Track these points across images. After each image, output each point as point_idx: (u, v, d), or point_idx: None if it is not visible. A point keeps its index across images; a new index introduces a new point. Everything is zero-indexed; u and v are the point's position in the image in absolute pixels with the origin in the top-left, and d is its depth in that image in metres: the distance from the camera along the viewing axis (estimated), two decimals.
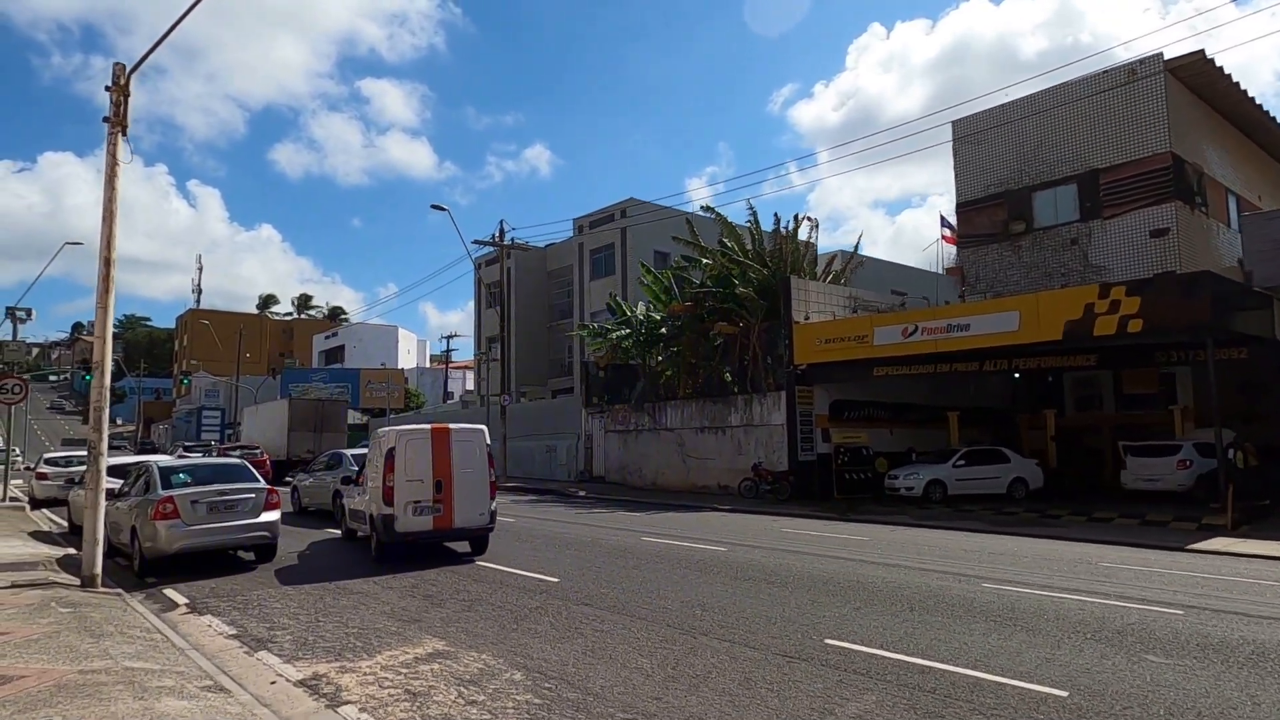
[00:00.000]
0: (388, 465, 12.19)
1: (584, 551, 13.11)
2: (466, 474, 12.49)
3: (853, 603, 8.89)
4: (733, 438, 26.53)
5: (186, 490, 11.42)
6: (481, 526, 12.61)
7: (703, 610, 8.58)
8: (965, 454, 22.53)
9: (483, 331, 48.97)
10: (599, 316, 40.61)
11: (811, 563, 11.72)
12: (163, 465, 12.28)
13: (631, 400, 30.78)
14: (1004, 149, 30.95)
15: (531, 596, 9.48)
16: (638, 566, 11.46)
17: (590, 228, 41.41)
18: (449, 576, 10.93)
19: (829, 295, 26.11)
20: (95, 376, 10.41)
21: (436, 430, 12.62)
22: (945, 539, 14.91)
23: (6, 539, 14.74)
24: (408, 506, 12.08)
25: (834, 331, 23.87)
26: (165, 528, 11.04)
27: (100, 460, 10.28)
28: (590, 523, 17.92)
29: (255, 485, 12.06)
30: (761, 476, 24.38)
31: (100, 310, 10.48)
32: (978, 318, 20.91)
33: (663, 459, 29.06)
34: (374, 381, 63.81)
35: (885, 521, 18.35)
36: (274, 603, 9.47)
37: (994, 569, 11.20)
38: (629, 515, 19.68)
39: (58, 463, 24.67)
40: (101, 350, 10.45)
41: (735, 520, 18.70)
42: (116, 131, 10.69)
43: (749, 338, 26.39)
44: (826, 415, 25.00)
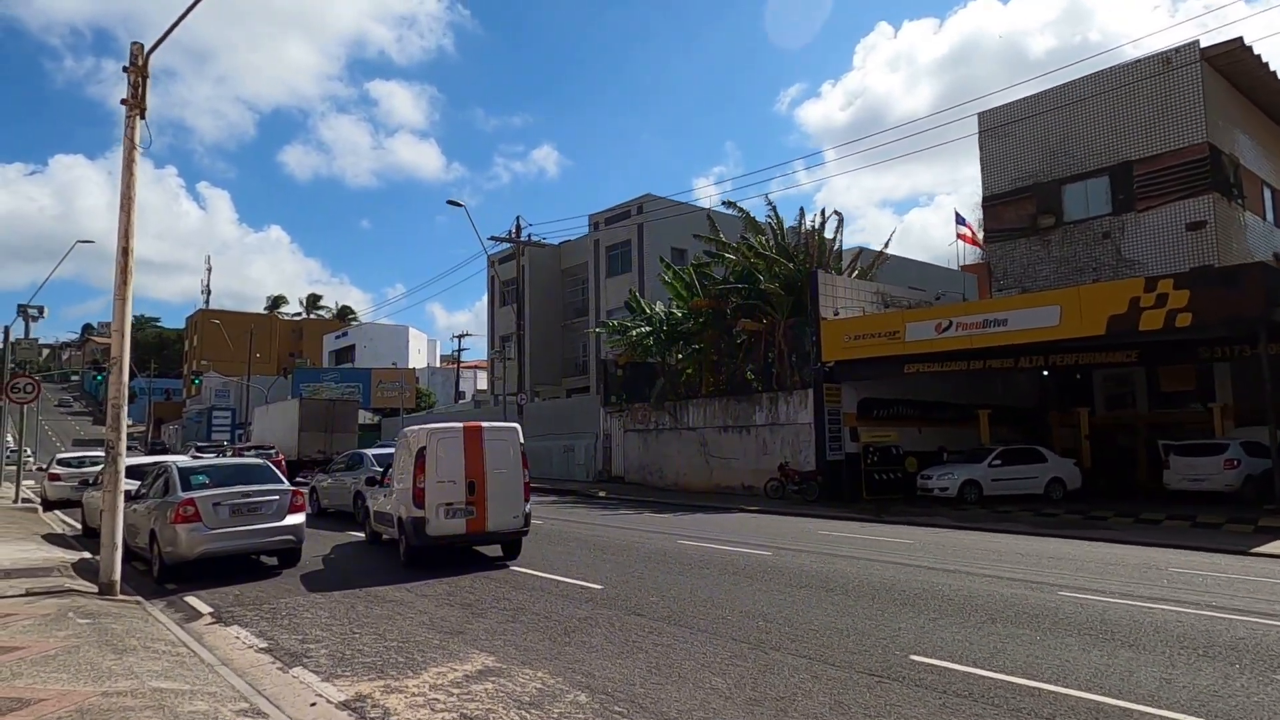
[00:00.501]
0: (418, 466, 11.62)
1: (622, 556, 12.52)
2: (500, 474, 11.90)
3: (926, 613, 8.26)
4: (757, 437, 25.90)
5: (208, 492, 10.87)
6: (516, 530, 12.02)
7: (765, 622, 7.97)
8: (1001, 453, 21.85)
9: (496, 330, 48.44)
10: (615, 314, 40.02)
11: (865, 568, 11.10)
12: (182, 466, 11.74)
13: (651, 399, 30.18)
14: (1032, 141, 30.24)
15: (577, 605, 8.89)
16: (682, 573, 10.86)
17: (606, 224, 40.82)
18: (485, 583, 10.35)
19: (856, 291, 25.46)
20: (113, 373, 9.87)
21: (469, 429, 12.05)
22: (993, 542, 14.26)
23: (19, 542, 14.24)
24: (439, 509, 11.51)
25: (864, 327, 23.22)
26: (186, 531, 10.49)
27: (119, 461, 9.74)
28: (620, 524, 17.33)
29: (279, 487, 11.51)
30: (788, 476, 23.76)
31: (118, 303, 9.93)
32: (1016, 312, 20.22)
33: (684, 459, 28.45)
34: (385, 381, 63.38)
35: (922, 523, 17.72)
36: (304, 612, 8.90)
37: (1061, 575, 10.56)
38: (657, 517, 19.08)
39: (70, 463, 24.23)
40: (120, 345, 9.91)
41: (767, 522, 18.08)
42: (135, 114, 10.15)
43: (774, 334, 25.76)
44: (854, 413, 24.35)
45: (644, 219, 38.27)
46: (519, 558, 12.26)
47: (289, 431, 35.14)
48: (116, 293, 9.95)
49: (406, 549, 11.92)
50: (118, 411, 9.80)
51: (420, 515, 11.50)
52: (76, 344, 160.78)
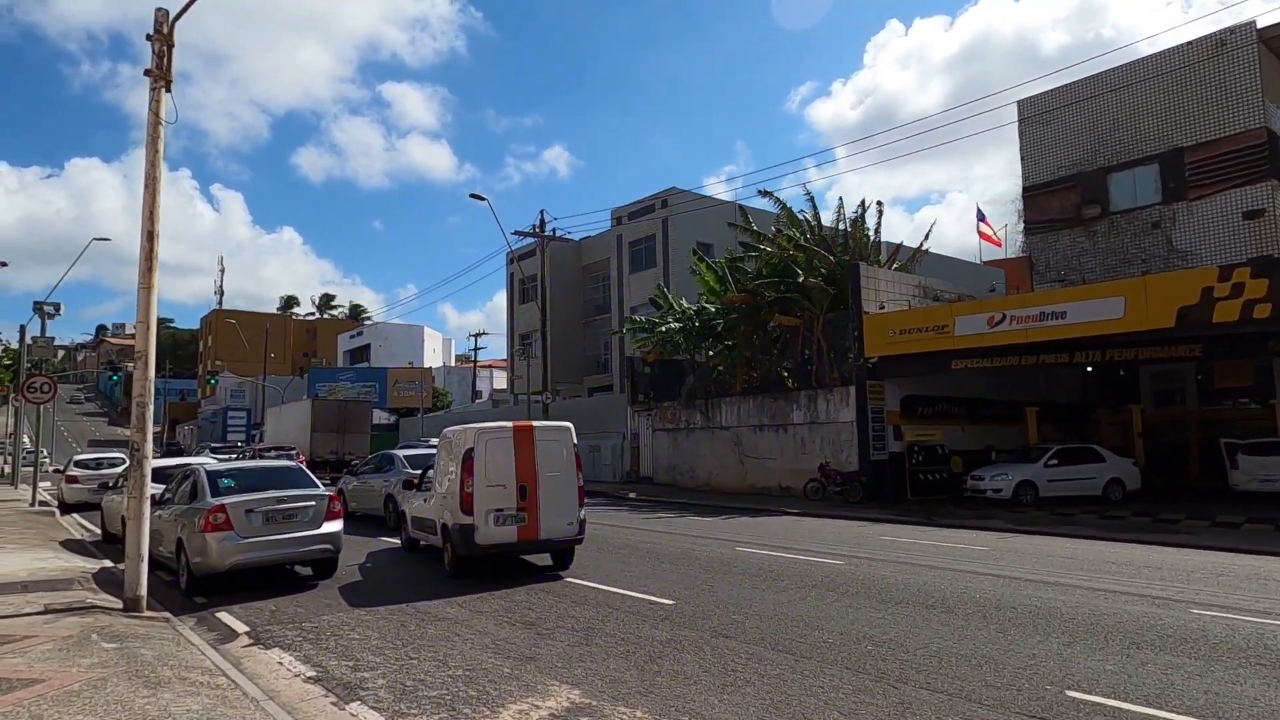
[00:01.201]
0: (465, 469, 10.73)
1: (681, 565, 11.60)
2: (553, 477, 10.99)
3: (1054, 635, 7.31)
4: (795, 436, 24.93)
5: (239, 498, 10.02)
6: (570, 538, 11.11)
7: (875, 646, 7.04)
8: (1057, 453, 20.81)
9: (516, 328, 47.62)
10: (639, 311, 39.07)
11: (953, 579, 10.14)
12: (211, 469, 10.91)
13: (681, 397, 29.26)
14: (1076, 129, 29.14)
15: (653, 625, 7.98)
16: (756, 585, 9.93)
17: (629, 219, 39.90)
18: (542, 598, 9.45)
19: (898, 284, 24.44)
20: (138, 368, 9.03)
21: (519, 428, 11.16)
22: (1071, 548, 13.26)
23: (37, 550, 13.45)
24: (489, 515, 10.61)
25: (909, 321, 22.21)
26: (217, 541, 9.65)
27: (145, 464, 8.90)
28: (665, 529, 16.42)
29: (315, 491, 10.65)
30: (829, 477, 22.79)
31: (143, 292, 9.09)
32: (1076, 304, 19.16)
33: (717, 459, 27.51)
34: (402, 381, 62.69)
35: (982, 527, 16.75)
36: (350, 631, 8.03)
37: (1178, 588, 9.57)
38: (701, 520, 18.16)
39: (88, 465, 23.54)
40: (145, 338, 9.06)
41: (817, 526, 17.13)
42: (160, 86, 9.31)
43: (812, 330, 24.78)
44: (898, 411, 23.35)
45: (669, 213, 37.32)
46: (571, 567, 11.38)
47: (301, 432, 34.64)
48: (141, 281, 9.11)
49: (452, 558, 11.05)
50: (143, 410, 8.96)
51: (468, 522, 10.62)
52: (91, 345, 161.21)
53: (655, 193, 38.95)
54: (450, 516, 11.04)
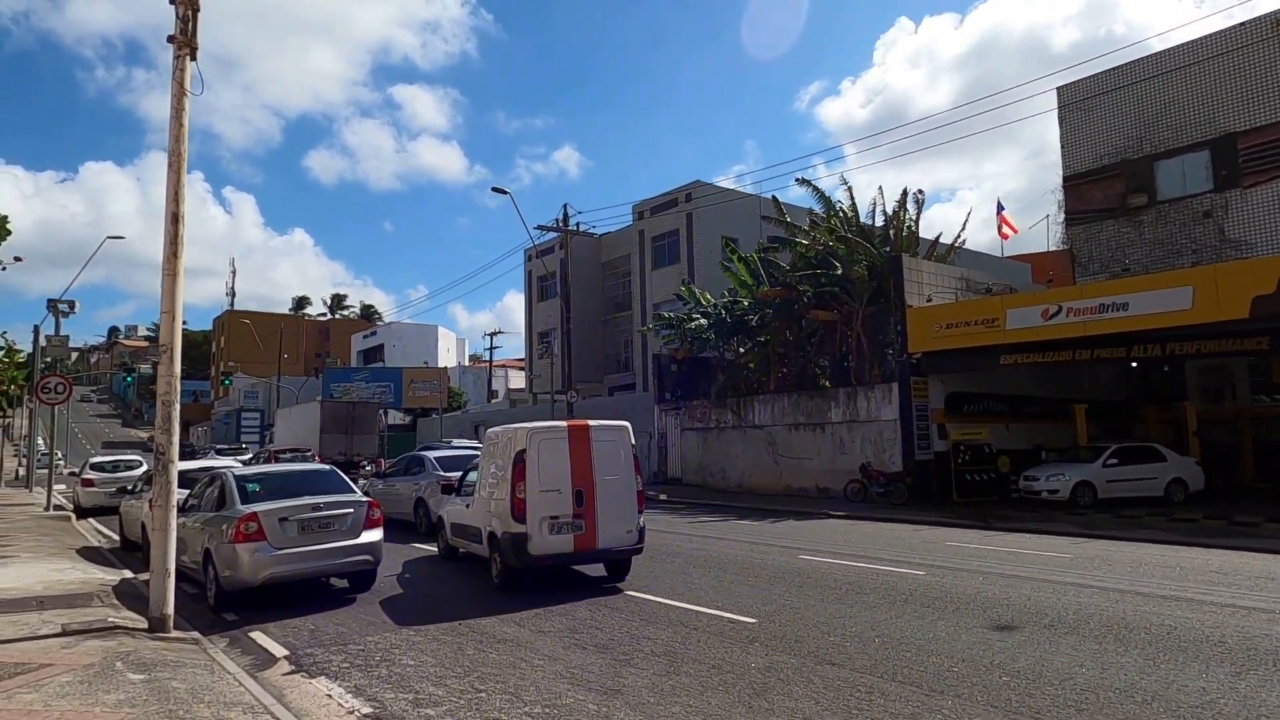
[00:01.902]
0: (517, 472, 9.87)
1: (747, 576, 10.69)
2: (611, 481, 10.13)
3: (1218, 665, 6.37)
4: (834, 435, 23.97)
5: (272, 505, 9.17)
6: (629, 547, 10.24)
7: (1009, 677, 6.12)
8: (1116, 452, 19.78)
9: (535, 326, 46.78)
10: (662, 307, 38.16)
11: (1057, 594, 9.19)
12: (239, 473, 10.07)
13: (711, 395, 28.34)
14: (1120, 115, 28.07)
15: (742, 648, 7.08)
16: (839, 600, 9.01)
17: (651, 213, 38.98)
18: (608, 615, 8.57)
19: (941, 277, 23.45)
20: (163, 362, 8.20)
21: (574, 428, 10.32)
22: (1160, 555, 12.28)
23: (54, 560, 12.66)
24: (543, 523, 9.76)
25: (956, 315, 21.22)
26: (249, 552, 8.80)
27: (170, 469, 8.06)
28: (712, 534, 15.51)
29: (353, 498, 9.80)
30: (871, 478, 21.83)
31: (167, 279, 8.26)
32: (1139, 295, 18.13)
33: (750, 459, 26.57)
34: (417, 380, 61.94)
35: (1046, 531, 15.77)
36: (402, 656, 7.17)
37: None
38: (747, 524, 17.24)
39: (104, 468, 22.80)
40: (170, 330, 8.22)
41: (873, 531, 16.18)
42: (184, 54, 8.47)
43: (851, 325, 23.81)
44: (942, 409, 22.37)
45: (693, 207, 36.39)
46: (628, 579, 10.51)
47: (310, 433, 34.48)
48: (165, 267, 8.27)
49: (502, 570, 10.18)
50: (169, 409, 8.12)
51: (520, 531, 9.74)
52: (105, 347, 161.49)
53: (678, 186, 38.02)
54: (499, 524, 10.19)
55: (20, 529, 17.10)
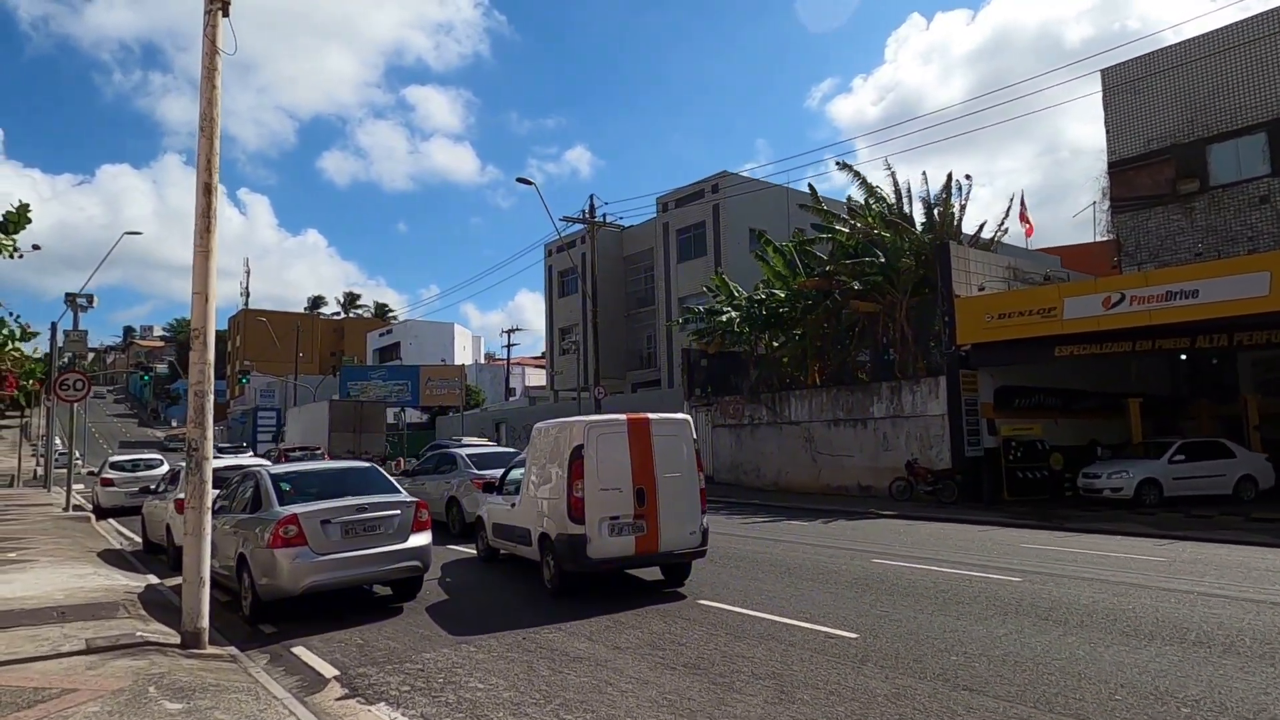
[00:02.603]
0: (574, 469, 9.11)
1: (824, 583, 9.81)
2: (673, 479, 9.39)
3: None
4: (876, 431, 23.03)
5: (313, 506, 8.37)
6: (692, 549, 9.48)
7: (1191, 709, 5.22)
8: (1182, 448, 18.76)
9: (555, 322, 46.00)
10: (688, 301, 37.31)
11: (1181, 604, 8.26)
12: (275, 472, 9.26)
13: (744, 390, 27.45)
14: (1168, 98, 26.94)
15: (855, 669, 6.21)
16: (940, 610, 8.12)
17: (676, 205, 38.09)
18: (686, 627, 7.71)
19: (989, 266, 22.48)
20: (195, 349, 7.40)
21: (634, 421, 9.50)
22: (1263, 558, 11.30)
23: (74, 564, 11.92)
24: (603, 524, 8.99)
25: (1009, 305, 20.23)
26: (289, 559, 8.00)
27: (205, 467, 7.27)
28: (765, 535, 14.64)
29: (399, 498, 8.99)
30: (918, 476, 20.88)
31: (199, 257, 7.47)
32: (1211, 282, 17.13)
33: (786, 456, 25.66)
34: (434, 379, 61.26)
35: (1119, 531, 14.84)
36: (467, 677, 6.34)
37: None
38: (799, 525, 16.34)
39: (124, 467, 22.14)
40: (203, 312, 7.43)
41: (935, 531, 15.25)
42: (215, 9, 7.67)
43: (894, 316, 22.86)
44: (991, 404, 21.40)
45: (720, 198, 35.49)
46: (693, 584, 9.68)
47: (320, 432, 35.42)
48: (197, 244, 7.48)
49: (558, 574, 9.38)
50: (202, 401, 7.32)
51: (578, 533, 8.95)
52: (120, 347, 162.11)
53: (704, 177, 37.12)
54: (553, 525, 9.40)
55: (39, 530, 16.43)
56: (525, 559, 10.71)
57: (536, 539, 9.95)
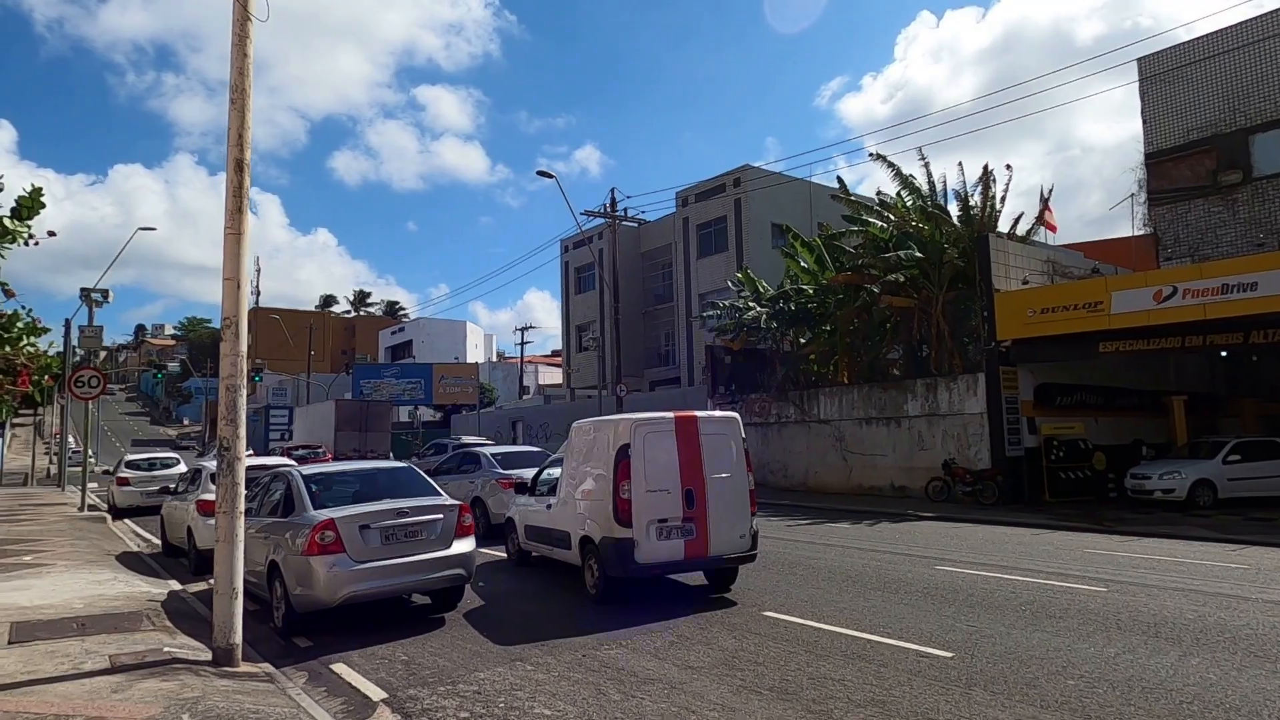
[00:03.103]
0: (620, 470, 8.63)
1: (895, 593, 9.14)
2: (722, 479, 8.93)
3: None
4: (910, 430, 22.32)
5: (350, 510, 7.76)
6: (742, 553, 9.00)
7: None
8: (1237, 447, 18.01)
9: (572, 319, 45.39)
10: (708, 298, 36.65)
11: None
12: (307, 472, 8.67)
13: (771, 388, 26.78)
14: (1209, 87, 26.13)
15: (963, 694, 5.56)
16: (1033, 626, 7.45)
17: (696, 200, 37.42)
18: (760, 643, 7.07)
19: (1028, 259, 21.73)
20: (226, 339, 6.81)
21: (682, 419, 9.05)
22: None
23: (92, 568, 11.37)
24: (650, 527, 8.51)
25: (1052, 299, 19.50)
26: (326, 567, 7.40)
27: (237, 468, 6.66)
28: (813, 539, 13.98)
29: (440, 501, 8.37)
30: (956, 476, 20.17)
31: (230, 239, 6.87)
32: (1272, 274, 16.36)
33: (815, 455, 24.98)
34: (447, 376, 60.77)
35: (1180, 535, 14.09)
36: (529, 699, 5.72)
37: None
38: (843, 528, 15.68)
39: (140, 466, 21.66)
40: (234, 300, 6.83)
41: (989, 535, 14.55)
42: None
43: (930, 311, 22.15)
44: (1031, 402, 20.67)
45: (741, 193, 34.80)
46: (744, 592, 9.09)
47: (326, 431, 36.24)
48: (227, 225, 6.89)
49: (602, 580, 8.85)
50: (234, 396, 6.73)
51: (625, 536, 8.47)
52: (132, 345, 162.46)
53: (725, 171, 36.44)
54: (597, 529, 8.88)
55: (55, 532, 15.92)
56: (562, 562, 10.20)
57: (577, 543, 9.40)
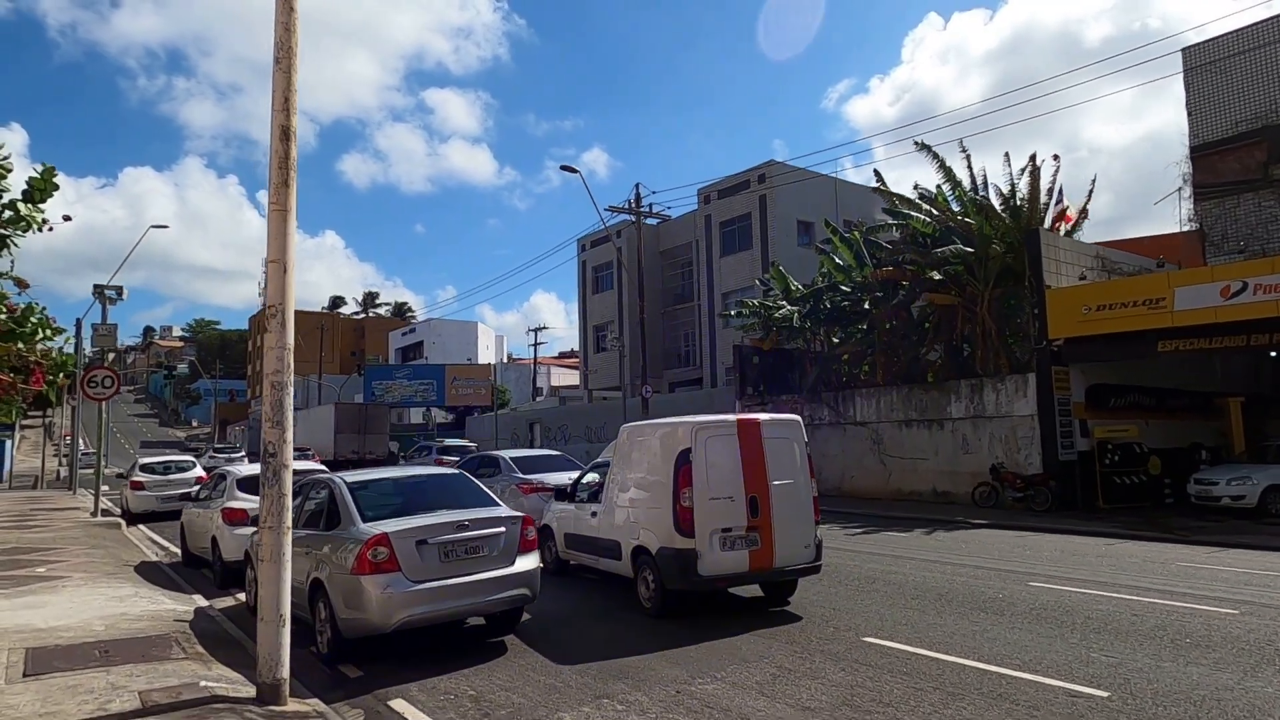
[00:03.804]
0: (681, 476, 8.11)
1: (997, 614, 8.26)
2: (786, 486, 8.48)
3: None
4: (954, 433, 21.41)
5: (404, 524, 6.91)
6: (806, 564, 8.55)
7: None
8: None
9: (590, 319, 44.56)
10: (731, 296, 35.80)
11: None
12: (351, 479, 7.81)
13: (802, 389, 25.90)
14: (1257, 77, 25.15)
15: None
16: (1184, 658, 6.56)
17: (719, 196, 36.55)
18: (873, 675, 6.19)
19: (1077, 254, 20.82)
20: (272, 329, 5.98)
21: (745, 423, 8.59)
22: None
23: (111, 582, 10.55)
24: (714, 537, 8.03)
25: (1110, 295, 18.58)
26: (379, 587, 6.55)
27: (283, 476, 5.82)
28: (877, 549, 13.10)
29: (501, 512, 7.51)
30: (1006, 481, 19.26)
31: (275, 215, 6.04)
32: None
33: (851, 459, 24.09)
34: (460, 378, 60.04)
35: (1261, 546, 13.19)
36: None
37: None
38: (900, 536, 14.82)
39: (154, 469, 20.86)
40: (280, 284, 6.00)
41: (1060, 545, 13.63)
42: None
43: (975, 309, 21.24)
44: (1083, 403, 19.76)
45: (766, 189, 33.94)
46: (833, 611, 8.25)
47: (326, 433, 37.17)
48: (273, 200, 6.06)
49: (659, 593, 8.27)
50: (279, 394, 5.89)
51: (688, 547, 7.97)
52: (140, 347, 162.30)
53: (750, 167, 35.57)
54: (653, 538, 8.31)
55: (69, 539, 15.13)
56: (605, 572, 9.58)
57: (629, 553, 8.75)
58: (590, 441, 34.46)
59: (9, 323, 9.49)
